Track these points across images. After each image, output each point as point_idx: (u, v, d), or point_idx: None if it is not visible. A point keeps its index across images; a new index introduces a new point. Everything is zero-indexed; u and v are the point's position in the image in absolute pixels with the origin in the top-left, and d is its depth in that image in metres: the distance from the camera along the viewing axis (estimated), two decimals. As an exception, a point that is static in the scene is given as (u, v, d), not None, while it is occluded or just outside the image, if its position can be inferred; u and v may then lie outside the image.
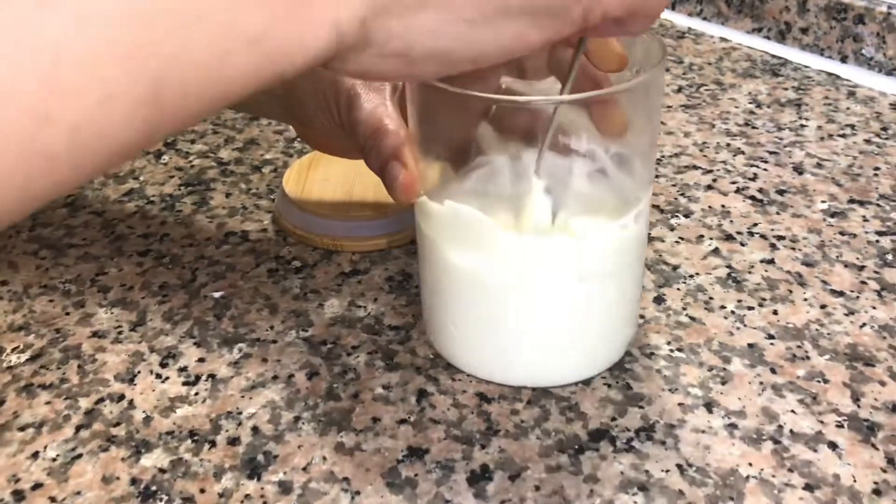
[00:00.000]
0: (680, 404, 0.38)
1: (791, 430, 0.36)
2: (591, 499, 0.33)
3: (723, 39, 0.75)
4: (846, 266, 0.46)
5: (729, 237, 0.49)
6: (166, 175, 0.57)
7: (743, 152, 0.57)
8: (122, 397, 0.39)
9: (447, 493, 0.34)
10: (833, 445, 0.35)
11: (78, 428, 0.37)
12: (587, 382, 0.39)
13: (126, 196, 0.55)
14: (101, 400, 0.39)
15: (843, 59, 0.68)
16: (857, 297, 0.44)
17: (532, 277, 0.36)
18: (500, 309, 0.37)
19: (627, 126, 0.36)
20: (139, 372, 0.40)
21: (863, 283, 0.45)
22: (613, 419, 0.37)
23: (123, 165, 0.58)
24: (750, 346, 0.41)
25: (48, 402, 0.39)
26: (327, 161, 0.54)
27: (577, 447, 0.36)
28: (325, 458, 0.35)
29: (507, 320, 0.37)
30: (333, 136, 0.43)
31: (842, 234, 0.49)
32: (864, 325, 0.42)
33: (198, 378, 0.40)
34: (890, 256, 0.47)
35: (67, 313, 0.44)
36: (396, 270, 0.47)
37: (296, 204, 0.49)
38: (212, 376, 0.40)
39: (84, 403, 0.39)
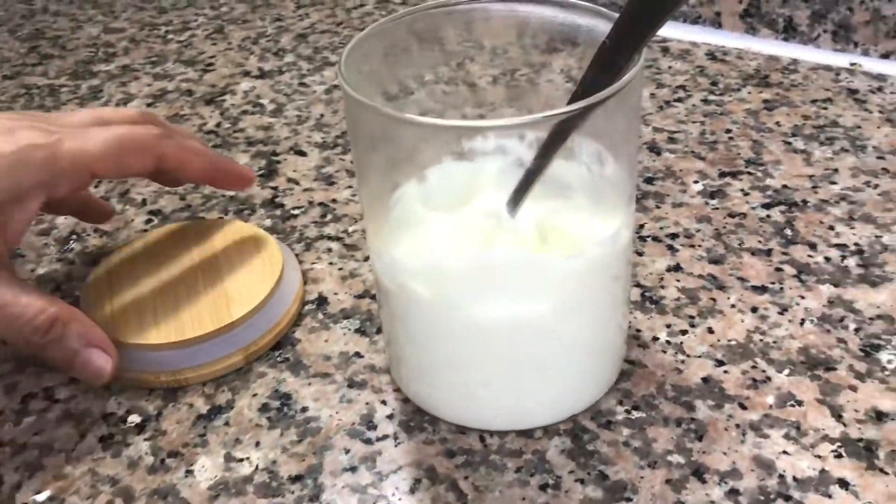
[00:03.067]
0: (668, 481, 0.32)
1: (794, 478, 0.32)
2: None
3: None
4: (753, 254, 0.42)
5: (622, 248, 0.43)
6: None
7: (590, 141, 0.52)
8: None
9: None
10: (844, 483, 0.31)
11: None
12: (556, 486, 0.32)
13: None
14: None
15: (644, 15, 0.65)
16: (781, 288, 0.40)
17: (577, 299, 0.32)
18: (547, 348, 0.33)
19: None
20: None
21: (777, 270, 0.41)
22: (606, 527, 0.30)
23: None
24: (705, 380, 0.36)
25: None
26: (129, 268, 0.42)
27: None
28: None
29: (553, 356, 0.33)
30: None
31: (730, 216, 0.45)
32: (802, 321, 0.38)
33: None
34: (789, 231, 0.43)
35: None
36: (268, 393, 0.37)
37: (110, 338, 0.38)
38: None
39: None
